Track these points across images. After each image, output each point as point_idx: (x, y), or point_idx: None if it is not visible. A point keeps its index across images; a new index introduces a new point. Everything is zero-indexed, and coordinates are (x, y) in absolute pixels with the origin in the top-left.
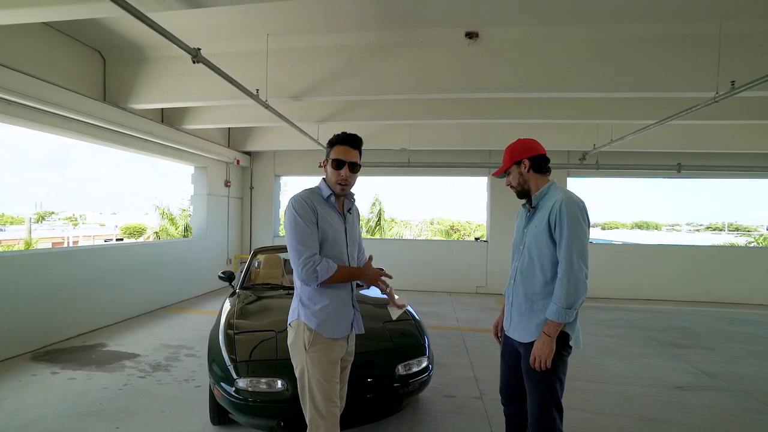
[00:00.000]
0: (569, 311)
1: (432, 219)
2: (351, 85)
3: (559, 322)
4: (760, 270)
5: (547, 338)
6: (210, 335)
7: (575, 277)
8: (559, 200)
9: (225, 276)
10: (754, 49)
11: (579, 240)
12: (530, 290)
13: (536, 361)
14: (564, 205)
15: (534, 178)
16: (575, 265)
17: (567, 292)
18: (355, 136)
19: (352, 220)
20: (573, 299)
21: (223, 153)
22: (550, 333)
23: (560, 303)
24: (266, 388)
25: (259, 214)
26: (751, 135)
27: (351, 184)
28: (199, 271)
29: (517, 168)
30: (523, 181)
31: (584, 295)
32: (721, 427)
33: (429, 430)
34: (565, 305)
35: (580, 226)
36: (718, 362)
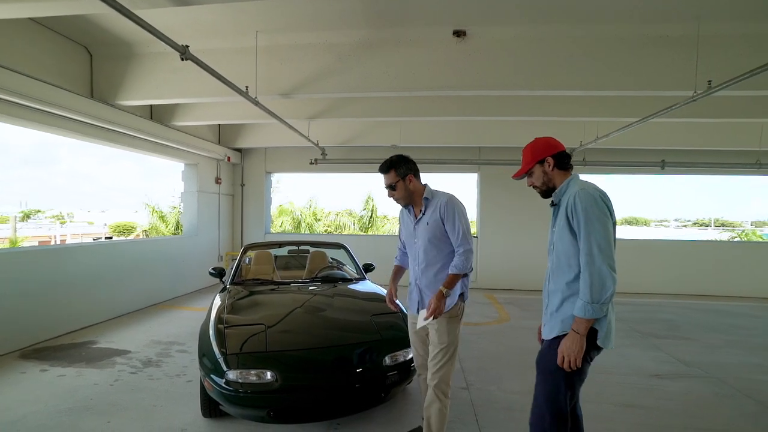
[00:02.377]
0: (596, 306)
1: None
2: (340, 82)
3: (586, 318)
4: (742, 264)
5: (575, 335)
6: (200, 330)
7: (598, 269)
8: (573, 193)
9: (216, 272)
10: (729, 50)
11: (597, 230)
12: (560, 288)
13: (564, 359)
14: (578, 197)
15: (559, 175)
16: (596, 256)
17: (591, 285)
18: (382, 164)
19: (423, 223)
20: (598, 293)
21: (213, 150)
22: (579, 330)
23: (585, 298)
24: (256, 380)
25: (251, 211)
26: (731, 133)
27: (399, 198)
28: (190, 268)
29: (541, 167)
30: (548, 180)
31: (611, 287)
32: (693, 411)
33: (416, 419)
34: (590, 300)
35: (597, 216)
36: (696, 352)
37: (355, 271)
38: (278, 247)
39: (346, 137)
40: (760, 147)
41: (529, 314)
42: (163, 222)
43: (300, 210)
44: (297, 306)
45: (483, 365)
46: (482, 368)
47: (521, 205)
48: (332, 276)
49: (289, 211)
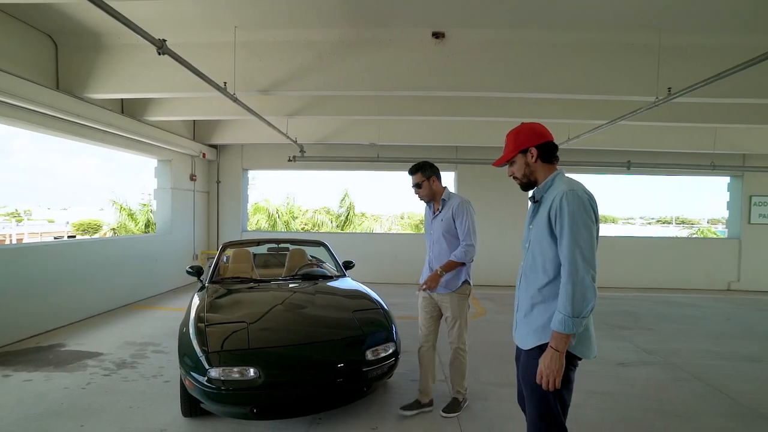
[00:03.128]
0: (576, 320)
1: (402, 213)
2: (320, 80)
3: (566, 333)
4: (697, 258)
5: (555, 353)
6: (180, 329)
7: (581, 280)
8: (560, 193)
9: (193, 270)
10: (687, 60)
11: (583, 238)
12: (531, 292)
13: (544, 379)
14: (565, 199)
15: (542, 168)
16: (580, 266)
17: (573, 298)
18: (412, 167)
19: (439, 220)
20: (580, 306)
21: (188, 146)
22: (558, 347)
23: (566, 311)
24: (239, 377)
25: (227, 208)
26: (689, 136)
27: (423, 195)
28: (164, 267)
29: (523, 157)
30: (529, 172)
31: (593, 300)
32: (653, 395)
33: (395, 411)
34: (572, 314)
35: (584, 222)
36: (656, 341)
37: (335, 268)
38: (257, 245)
39: (324, 135)
40: (714, 150)
41: (503, 308)
42: (133, 220)
43: (276, 208)
44: (278, 303)
45: None
46: None
47: (496, 204)
48: (312, 273)
49: (265, 209)
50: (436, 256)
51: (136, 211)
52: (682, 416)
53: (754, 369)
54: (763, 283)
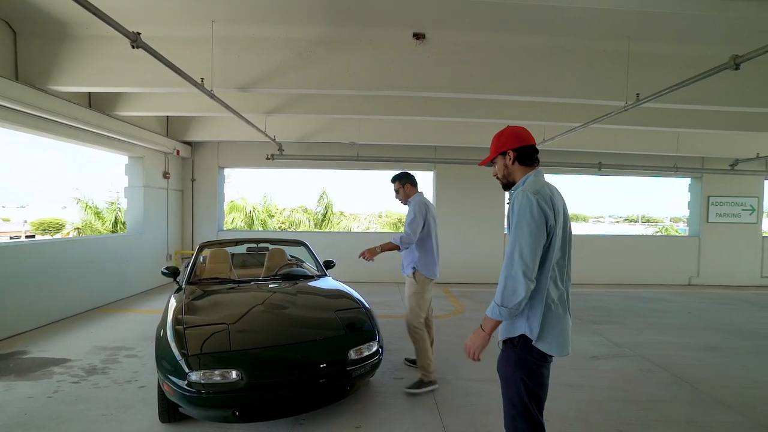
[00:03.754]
0: (503, 310)
1: (380, 212)
2: (300, 78)
3: (492, 318)
4: (661, 255)
5: (480, 332)
6: (157, 332)
7: (514, 275)
8: (516, 193)
9: (169, 272)
10: (655, 67)
11: (522, 236)
12: None
13: (467, 350)
14: (516, 198)
15: (520, 170)
16: (515, 262)
17: (504, 289)
18: (394, 176)
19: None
20: (509, 298)
21: (161, 142)
22: (484, 328)
23: (496, 299)
24: (221, 380)
25: (202, 207)
26: (654, 140)
27: (400, 199)
28: (136, 268)
29: (503, 159)
30: (507, 173)
31: (522, 295)
32: (622, 386)
33: (379, 410)
34: (500, 302)
35: (526, 221)
36: (626, 334)
37: (315, 268)
38: (235, 245)
39: (303, 133)
40: (677, 153)
41: (482, 306)
42: (99, 219)
43: (253, 206)
44: (259, 304)
45: (442, 356)
46: (441, 359)
47: (474, 203)
48: (293, 273)
49: (241, 207)
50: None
51: (103, 209)
52: (649, 405)
53: (713, 358)
54: (719, 277)
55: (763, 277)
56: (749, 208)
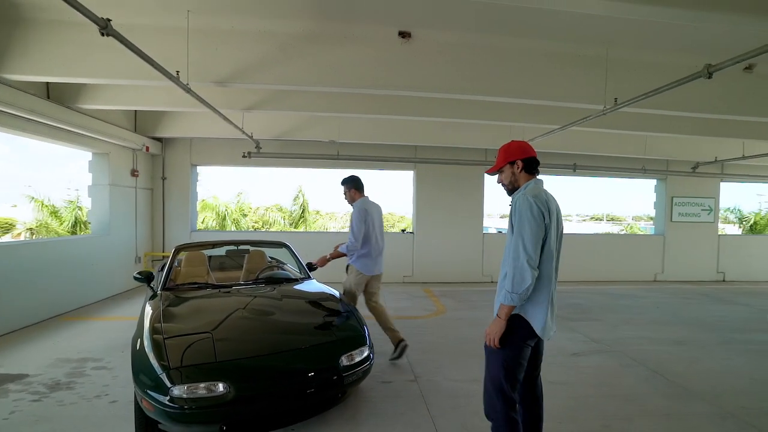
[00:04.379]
0: (515, 296)
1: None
2: (282, 74)
3: (507, 305)
4: (627, 252)
5: (498, 319)
6: (132, 343)
7: (520, 265)
8: (517, 197)
9: (142, 276)
10: (631, 73)
11: (526, 232)
12: (501, 277)
13: (487, 338)
14: (519, 200)
15: (524, 177)
16: (521, 254)
17: (513, 277)
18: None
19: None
20: (518, 285)
21: (128, 138)
22: (500, 314)
23: (507, 287)
24: (206, 393)
25: (173, 207)
26: (625, 142)
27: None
28: (101, 272)
29: (510, 168)
30: (514, 180)
31: (529, 281)
32: (604, 381)
33: (369, 416)
34: (511, 289)
35: (528, 219)
36: (602, 330)
37: (298, 270)
38: (211, 248)
39: (282, 131)
40: (645, 155)
41: (463, 305)
42: (57, 219)
43: (225, 205)
44: (243, 310)
45: (427, 357)
46: (427, 360)
47: (453, 203)
48: (276, 276)
49: (213, 207)
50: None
51: (60, 208)
52: (630, 399)
53: (682, 351)
54: (682, 273)
55: (718, 272)
56: (707, 208)
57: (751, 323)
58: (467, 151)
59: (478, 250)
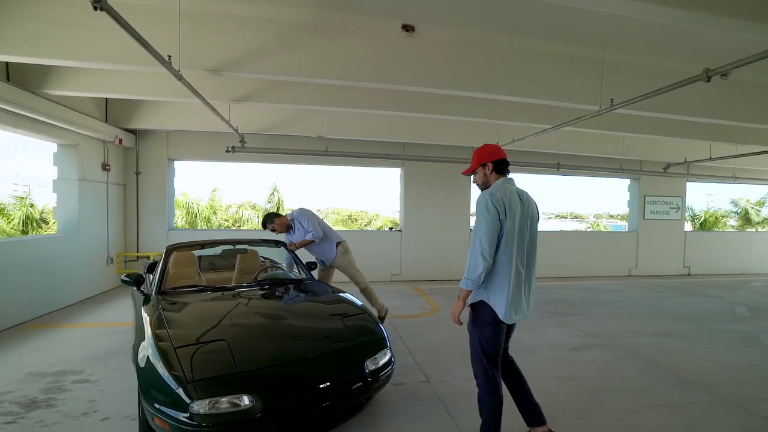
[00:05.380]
0: (469, 281)
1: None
2: (281, 64)
3: (464, 289)
4: (604, 249)
5: (457, 300)
6: (134, 355)
7: (475, 255)
8: (482, 193)
9: (131, 279)
10: (626, 75)
11: (480, 228)
12: None
13: (452, 316)
14: (478, 198)
15: (494, 177)
16: (476, 245)
17: (468, 266)
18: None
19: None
20: (472, 272)
21: (99, 129)
22: (460, 296)
23: (465, 274)
24: (230, 408)
25: (149, 204)
26: (603, 142)
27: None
28: (69, 274)
29: (483, 169)
30: (486, 180)
31: (480, 269)
32: (607, 375)
33: (390, 419)
34: (467, 276)
35: (483, 216)
36: (593, 324)
37: (299, 271)
38: (201, 248)
39: (268, 124)
40: (623, 156)
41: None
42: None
43: (196, 202)
44: (256, 315)
45: (434, 357)
46: (434, 360)
47: (441, 200)
48: (279, 278)
49: (183, 204)
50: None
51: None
52: (636, 391)
53: (670, 342)
54: (654, 268)
55: (684, 266)
56: (675, 207)
57: (723, 314)
58: (455, 149)
59: (465, 247)
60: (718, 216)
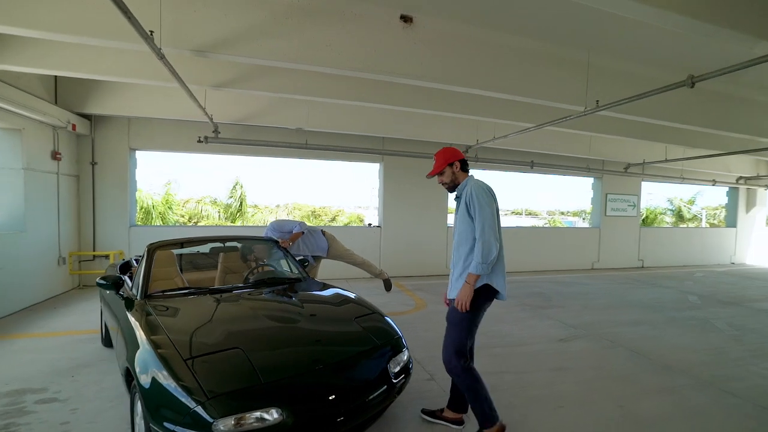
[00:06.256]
0: (484, 265)
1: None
2: (274, 48)
3: (476, 274)
4: (569, 244)
5: (467, 286)
6: (134, 369)
7: (486, 239)
8: (470, 187)
9: (108, 282)
10: (610, 79)
11: (485, 214)
12: (461, 258)
13: (458, 303)
14: (473, 189)
15: (461, 175)
16: (486, 231)
17: (482, 250)
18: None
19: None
20: (486, 255)
21: (49, 112)
22: (470, 281)
23: (477, 259)
24: (260, 425)
25: (107, 198)
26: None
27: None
28: (14, 277)
29: (450, 168)
30: (454, 178)
31: (495, 252)
32: (596, 364)
33: (405, 420)
34: (481, 260)
35: (486, 203)
36: (572, 316)
37: (294, 269)
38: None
39: (245, 114)
40: (590, 155)
41: (440, 298)
42: None
43: (149, 196)
44: (265, 318)
45: (432, 354)
46: (434, 357)
47: (420, 196)
48: (278, 277)
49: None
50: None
51: None
52: (626, 379)
53: (643, 331)
54: (614, 262)
55: (639, 260)
56: (632, 204)
57: (680, 303)
58: (433, 145)
59: (443, 243)
60: (657, 213)
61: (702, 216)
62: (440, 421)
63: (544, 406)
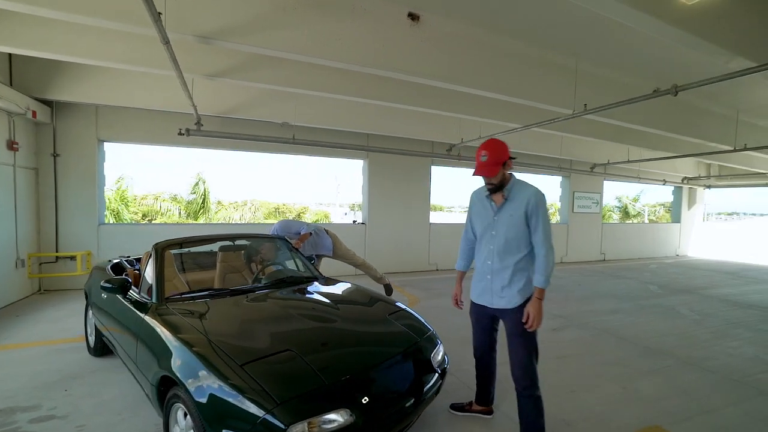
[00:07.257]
0: (548, 279)
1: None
2: (286, 39)
3: (543, 288)
4: None
5: (539, 302)
6: (178, 375)
7: (553, 255)
8: (533, 193)
9: (115, 286)
10: (597, 85)
11: (549, 224)
12: (509, 265)
13: (534, 321)
14: (537, 197)
15: (508, 175)
16: (552, 246)
17: (552, 263)
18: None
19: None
20: (551, 270)
21: (5, 96)
22: (542, 297)
23: (546, 273)
24: (334, 427)
25: (71, 193)
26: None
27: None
28: None
29: (503, 168)
30: (503, 178)
31: (553, 264)
32: (591, 351)
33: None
34: (550, 274)
35: (547, 213)
36: (557, 307)
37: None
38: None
39: (230, 106)
40: (561, 155)
41: (428, 294)
42: None
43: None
44: (304, 318)
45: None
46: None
47: (404, 193)
48: (296, 277)
49: None
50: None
51: None
52: (620, 363)
53: (621, 318)
54: (580, 255)
55: (601, 253)
56: (596, 202)
57: (644, 292)
58: (417, 143)
59: (425, 239)
60: (606, 210)
61: (645, 212)
62: (471, 414)
63: (560, 392)
